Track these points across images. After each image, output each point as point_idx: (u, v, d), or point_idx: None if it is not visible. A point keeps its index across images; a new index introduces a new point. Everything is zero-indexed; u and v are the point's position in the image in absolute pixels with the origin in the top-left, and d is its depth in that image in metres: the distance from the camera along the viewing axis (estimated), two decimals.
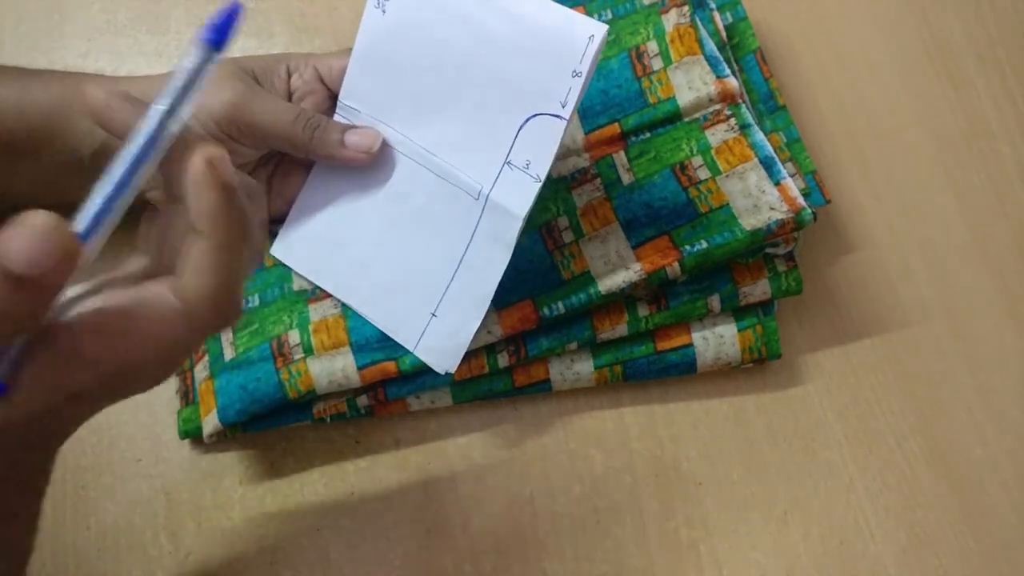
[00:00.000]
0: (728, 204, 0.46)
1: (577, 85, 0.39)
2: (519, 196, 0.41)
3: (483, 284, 0.42)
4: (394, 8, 0.42)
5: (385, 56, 0.43)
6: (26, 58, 0.52)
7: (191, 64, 0.29)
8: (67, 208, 0.49)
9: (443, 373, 0.44)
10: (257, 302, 0.46)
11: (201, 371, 0.46)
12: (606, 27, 0.38)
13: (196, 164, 0.28)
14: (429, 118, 0.43)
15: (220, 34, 0.29)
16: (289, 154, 0.45)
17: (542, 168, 0.40)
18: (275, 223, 0.47)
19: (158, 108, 0.28)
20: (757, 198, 0.46)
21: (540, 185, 0.41)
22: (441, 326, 0.43)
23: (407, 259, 0.44)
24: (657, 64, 0.49)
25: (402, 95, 0.43)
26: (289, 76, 0.45)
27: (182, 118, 0.29)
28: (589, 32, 0.38)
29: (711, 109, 0.48)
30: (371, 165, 0.44)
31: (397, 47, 0.42)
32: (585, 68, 0.38)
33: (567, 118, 0.39)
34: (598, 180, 0.48)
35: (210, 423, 0.44)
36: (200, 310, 0.29)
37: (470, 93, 0.41)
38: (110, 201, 0.28)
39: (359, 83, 0.44)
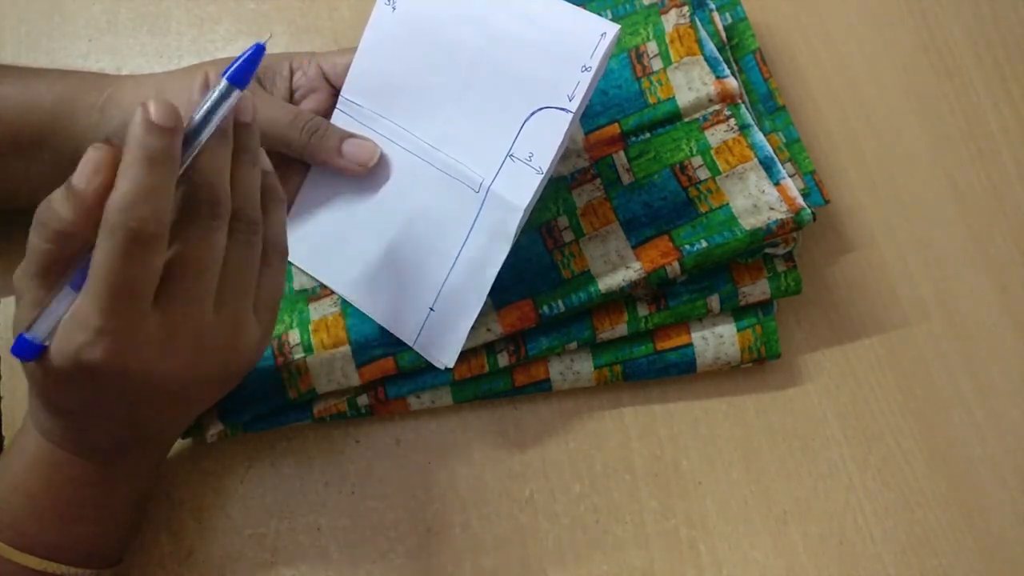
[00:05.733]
0: (728, 204, 0.46)
1: (586, 80, 0.39)
2: (520, 188, 0.41)
3: (481, 277, 0.43)
4: (404, 5, 0.42)
5: (392, 52, 0.43)
6: (27, 58, 0.52)
7: (211, 100, 0.34)
8: None
9: (442, 368, 0.44)
10: None
11: None
12: (618, 26, 0.38)
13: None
14: (432, 113, 0.43)
15: (242, 73, 0.34)
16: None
17: (545, 160, 0.40)
18: None
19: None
20: (757, 198, 0.46)
21: (542, 177, 0.41)
22: (439, 320, 0.44)
23: (406, 254, 0.44)
24: (657, 64, 0.49)
25: (406, 90, 0.43)
26: (292, 74, 0.45)
27: (200, 142, 0.34)
28: (601, 30, 0.38)
29: (711, 109, 0.48)
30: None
31: (405, 43, 0.42)
32: (595, 63, 0.39)
33: (573, 111, 0.39)
34: (598, 180, 0.48)
35: (211, 422, 0.44)
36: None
37: (476, 88, 0.41)
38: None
39: (363, 78, 0.44)
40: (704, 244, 0.45)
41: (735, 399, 0.49)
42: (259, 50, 0.35)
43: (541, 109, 0.40)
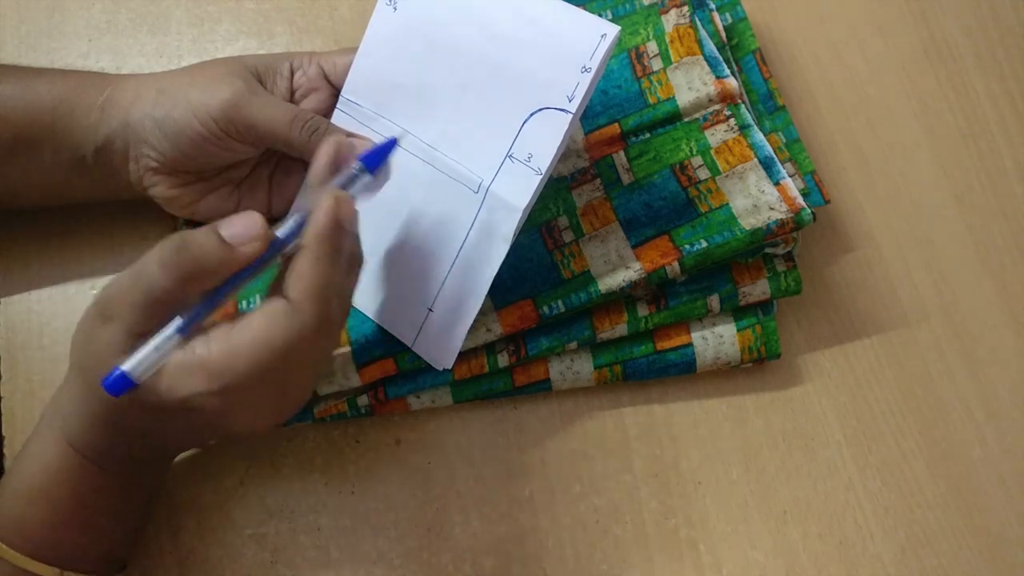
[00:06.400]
0: (728, 204, 0.46)
1: (586, 80, 0.39)
2: (519, 188, 0.41)
3: (479, 278, 0.43)
4: (405, 6, 0.42)
5: (392, 52, 0.43)
6: (27, 58, 0.52)
7: (343, 179, 0.38)
8: (66, 207, 0.49)
9: (441, 369, 0.44)
10: (258, 302, 0.46)
11: None
12: (619, 28, 0.38)
13: (324, 198, 0.35)
14: (432, 113, 0.43)
15: (374, 161, 0.39)
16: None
17: (544, 161, 0.40)
18: (276, 221, 0.47)
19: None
20: (757, 198, 0.46)
21: (541, 178, 0.41)
22: (438, 321, 0.44)
23: (406, 254, 0.44)
24: (657, 64, 0.49)
25: (406, 90, 0.43)
26: (292, 73, 0.45)
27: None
28: (601, 31, 0.38)
29: (711, 109, 0.48)
30: None
31: (405, 44, 0.42)
32: (595, 64, 0.39)
33: (573, 112, 0.39)
34: (598, 180, 0.48)
35: None
36: (299, 304, 0.34)
37: (476, 89, 0.41)
38: (279, 243, 0.36)
39: (364, 78, 0.44)
40: (704, 244, 0.45)
41: (735, 399, 0.49)
42: (393, 143, 0.40)
43: (541, 110, 0.40)
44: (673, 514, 0.46)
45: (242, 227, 0.34)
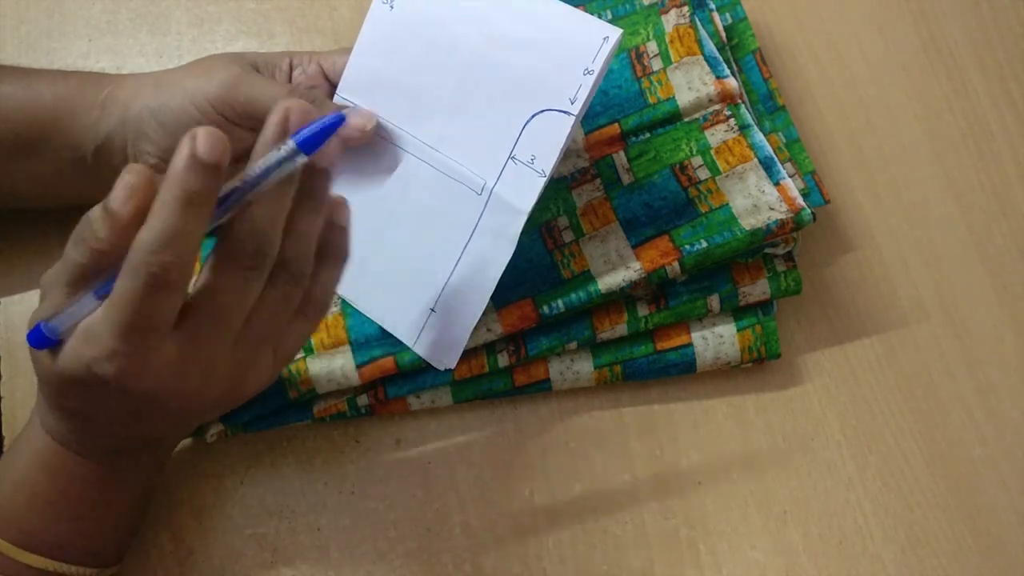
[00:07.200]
0: (728, 204, 0.46)
1: (588, 83, 0.39)
2: (524, 191, 0.41)
3: (483, 280, 0.42)
4: (402, 4, 0.42)
5: (389, 51, 0.43)
6: (27, 58, 0.52)
7: (275, 159, 0.32)
8: (67, 207, 0.49)
9: (442, 370, 0.44)
10: None
11: None
12: (621, 31, 0.38)
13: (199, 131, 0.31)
14: (432, 113, 0.43)
15: (315, 141, 0.32)
16: None
17: (548, 163, 0.40)
18: None
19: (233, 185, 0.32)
20: (757, 198, 0.46)
21: (545, 180, 0.41)
22: (440, 322, 0.44)
23: (407, 255, 0.44)
24: (657, 64, 0.49)
25: (404, 90, 0.43)
26: (291, 70, 0.44)
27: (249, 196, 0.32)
28: (604, 34, 0.38)
29: (711, 109, 0.48)
30: (370, 160, 0.44)
31: (402, 42, 0.42)
32: (598, 67, 0.39)
33: (575, 114, 0.39)
34: (598, 180, 0.48)
35: (212, 423, 0.44)
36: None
37: (476, 90, 0.41)
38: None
39: (360, 77, 0.44)
40: (704, 244, 0.45)
41: (735, 399, 0.49)
42: (339, 120, 0.33)
43: (542, 111, 0.40)
44: (673, 514, 0.46)
45: (117, 188, 0.32)
